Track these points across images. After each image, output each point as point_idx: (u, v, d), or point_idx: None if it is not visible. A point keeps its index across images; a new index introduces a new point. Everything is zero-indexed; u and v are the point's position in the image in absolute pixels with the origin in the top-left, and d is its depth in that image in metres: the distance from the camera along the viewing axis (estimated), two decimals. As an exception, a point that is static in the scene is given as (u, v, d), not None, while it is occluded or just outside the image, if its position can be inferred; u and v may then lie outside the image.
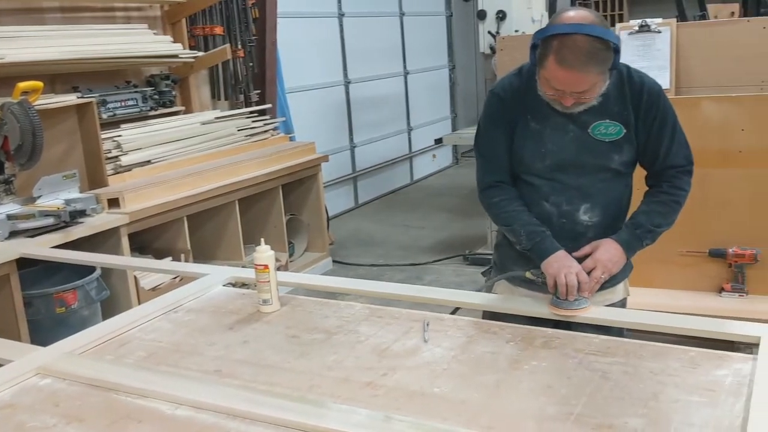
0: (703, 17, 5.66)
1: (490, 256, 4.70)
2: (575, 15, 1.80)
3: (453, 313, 2.03)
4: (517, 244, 2.03)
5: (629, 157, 2.00)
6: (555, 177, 2.01)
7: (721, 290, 3.26)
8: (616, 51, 1.81)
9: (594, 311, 1.92)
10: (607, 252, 1.95)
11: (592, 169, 1.99)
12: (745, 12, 5.80)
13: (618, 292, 2.14)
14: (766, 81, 3.17)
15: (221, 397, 1.51)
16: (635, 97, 1.94)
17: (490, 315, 2.04)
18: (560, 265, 1.92)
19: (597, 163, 1.98)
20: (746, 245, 3.18)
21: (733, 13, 6.57)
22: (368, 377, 1.61)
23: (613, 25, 3.92)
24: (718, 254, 3.24)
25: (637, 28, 3.40)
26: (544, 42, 1.82)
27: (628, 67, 1.98)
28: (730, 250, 3.21)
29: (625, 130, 1.95)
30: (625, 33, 3.42)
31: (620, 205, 2.06)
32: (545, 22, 5.91)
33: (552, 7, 6.40)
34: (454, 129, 9.35)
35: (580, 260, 1.95)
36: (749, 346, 1.72)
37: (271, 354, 1.77)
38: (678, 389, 1.49)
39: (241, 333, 1.91)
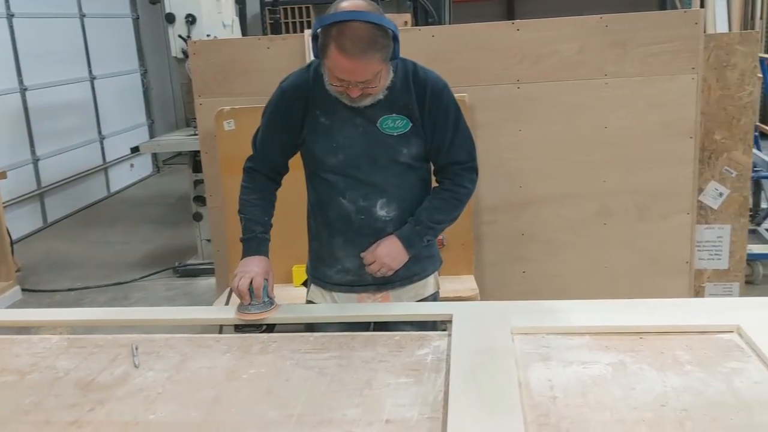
0: (382, 25, 6.13)
1: (203, 266, 4.54)
2: (350, 4, 1.80)
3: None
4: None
5: (417, 151, 2.02)
6: (349, 173, 2.01)
7: (417, 274, 3.56)
8: (395, 39, 1.84)
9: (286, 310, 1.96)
10: (386, 247, 2.02)
11: (384, 164, 2.00)
12: (416, 22, 6.41)
13: (429, 286, 2.19)
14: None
15: None
16: (420, 92, 1.98)
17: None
18: (241, 270, 1.97)
19: (388, 156, 2.00)
20: (434, 232, 3.51)
21: (406, 23, 7.22)
22: (72, 415, 1.46)
23: (301, 32, 4.05)
24: (412, 242, 3.54)
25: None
26: (324, 31, 1.79)
27: (414, 64, 2.03)
28: (422, 237, 3.51)
29: (411, 124, 1.98)
30: (313, 39, 3.55)
31: (417, 200, 2.07)
32: (236, 27, 5.93)
33: (242, 12, 6.43)
34: (152, 136, 8.92)
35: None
36: (444, 323, 1.90)
37: (-53, 409, 1.52)
38: (388, 373, 1.59)
39: None
